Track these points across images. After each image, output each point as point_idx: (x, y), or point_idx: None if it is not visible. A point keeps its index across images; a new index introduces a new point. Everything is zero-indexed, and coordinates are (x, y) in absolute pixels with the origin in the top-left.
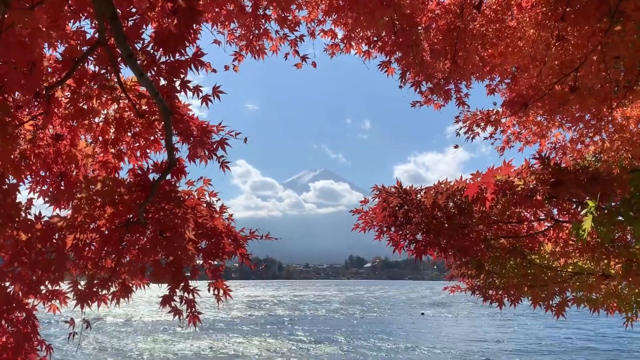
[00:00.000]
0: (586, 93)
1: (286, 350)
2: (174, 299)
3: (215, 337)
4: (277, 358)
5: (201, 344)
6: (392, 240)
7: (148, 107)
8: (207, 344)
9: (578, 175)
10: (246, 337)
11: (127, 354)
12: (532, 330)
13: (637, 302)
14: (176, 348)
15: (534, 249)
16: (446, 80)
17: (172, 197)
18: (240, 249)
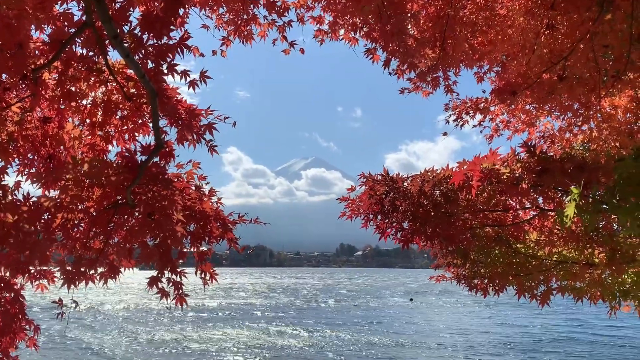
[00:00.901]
0: (575, 82)
1: (250, 339)
2: (161, 281)
3: (180, 327)
4: (242, 347)
5: (165, 334)
6: (379, 228)
7: (136, 90)
8: (170, 335)
9: (563, 164)
10: (215, 326)
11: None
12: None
13: (620, 291)
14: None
15: (519, 237)
16: (434, 68)
17: (160, 179)
18: (228, 232)
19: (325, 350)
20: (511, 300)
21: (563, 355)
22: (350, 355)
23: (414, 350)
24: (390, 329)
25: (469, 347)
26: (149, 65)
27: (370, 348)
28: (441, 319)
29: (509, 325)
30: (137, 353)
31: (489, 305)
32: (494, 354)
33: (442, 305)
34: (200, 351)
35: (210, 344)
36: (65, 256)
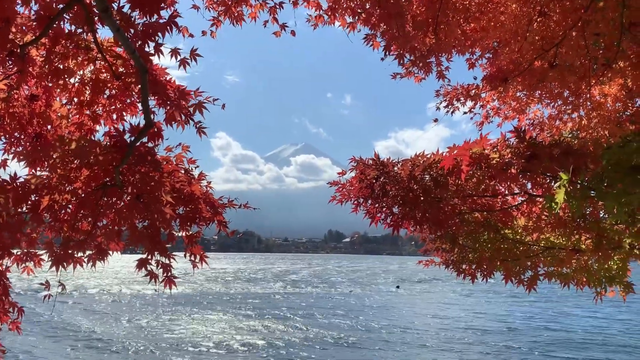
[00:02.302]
0: (566, 70)
1: (228, 327)
2: (150, 263)
3: (156, 314)
4: (215, 334)
5: (140, 321)
6: (369, 213)
7: (125, 69)
8: (144, 322)
9: (552, 150)
10: (192, 313)
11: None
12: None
13: (606, 277)
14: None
15: (507, 223)
16: (428, 53)
17: (148, 160)
18: (218, 216)
19: (302, 338)
20: (496, 289)
21: (542, 345)
22: (325, 344)
23: (391, 337)
24: (371, 317)
25: (447, 334)
26: (137, 44)
27: (341, 335)
28: (425, 306)
29: (490, 314)
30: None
31: (476, 293)
32: (471, 343)
33: (429, 293)
34: (174, 337)
35: (183, 331)
36: (53, 238)
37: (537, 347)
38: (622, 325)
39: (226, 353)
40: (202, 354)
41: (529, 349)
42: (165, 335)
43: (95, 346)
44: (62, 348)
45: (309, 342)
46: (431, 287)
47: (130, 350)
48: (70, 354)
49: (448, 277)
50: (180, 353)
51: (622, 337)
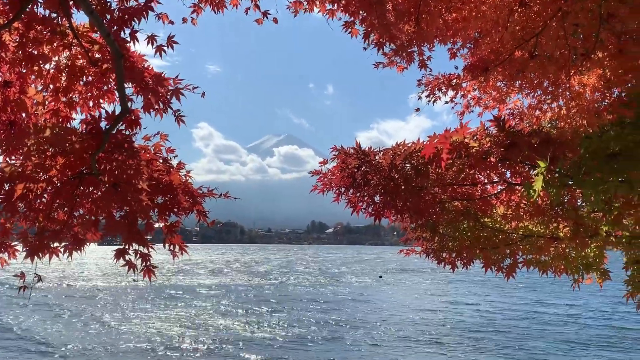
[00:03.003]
0: (545, 60)
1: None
2: (129, 253)
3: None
4: (173, 328)
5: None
6: (350, 202)
7: (101, 55)
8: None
9: (531, 138)
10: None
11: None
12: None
13: (583, 264)
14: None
15: (487, 212)
16: (409, 43)
17: (125, 148)
18: (197, 205)
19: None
20: (476, 279)
21: (514, 334)
22: (300, 336)
23: (368, 327)
24: (352, 307)
25: (425, 325)
26: (113, 30)
27: (321, 328)
28: (407, 296)
29: (468, 305)
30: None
31: (458, 283)
32: (444, 334)
33: (411, 282)
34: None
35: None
36: (28, 228)
37: (513, 337)
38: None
39: (169, 351)
40: (152, 352)
41: (506, 338)
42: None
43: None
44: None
45: (277, 336)
46: (413, 277)
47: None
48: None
49: (432, 268)
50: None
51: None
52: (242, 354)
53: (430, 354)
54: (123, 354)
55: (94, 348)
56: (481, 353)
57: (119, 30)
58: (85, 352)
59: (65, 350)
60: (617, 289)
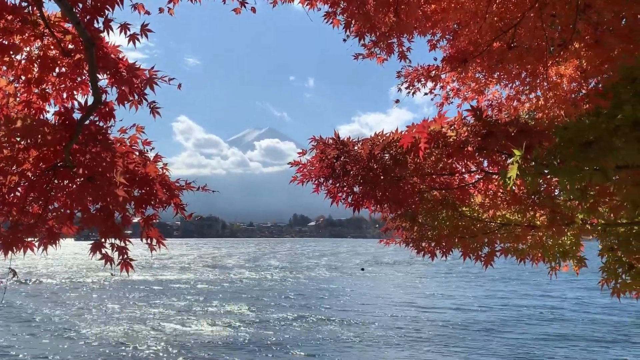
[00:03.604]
0: (523, 51)
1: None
2: (105, 247)
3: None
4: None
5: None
6: (330, 193)
7: (74, 46)
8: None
9: (508, 128)
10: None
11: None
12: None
13: (560, 252)
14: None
15: (465, 201)
16: (389, 34)
17: (99, 140)
18: (174, 198)
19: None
20: (459, 271)
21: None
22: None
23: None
24: (333, 300)
25: (403, 319)
26: (86, 19)
27: (302, 320)
28: (390, 288)
29: (443, 295)
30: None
31: (439, 275)
32: (422, 329)
33: (394, 275)
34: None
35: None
36: (1, 222)
37: (489, 328)
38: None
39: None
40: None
41: (482, 330)
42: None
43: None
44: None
45: (253, 332)
46: (395, 270)
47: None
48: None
49: (415, 260)
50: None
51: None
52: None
53: (407, 349)
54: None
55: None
56: (461, 347)
57: (92, 19)
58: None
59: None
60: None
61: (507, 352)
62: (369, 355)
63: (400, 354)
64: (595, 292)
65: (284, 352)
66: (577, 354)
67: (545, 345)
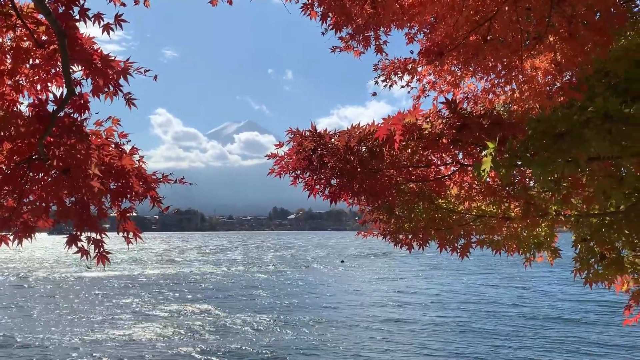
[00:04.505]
0: (499, 44)
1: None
2: (81, 240)
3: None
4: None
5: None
6: (307, 185)
7: (48, 37)
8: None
9: (482, 120)
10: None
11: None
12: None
13: (534, 243)
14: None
15: (441, 193)
16: (366, 27)
17: (73, 131)
18: (150, 191)
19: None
20: (436, 263)
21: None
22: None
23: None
24: (310, 294)
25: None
26: (61, 9)
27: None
28: (368, 280)
29: (415, 288)
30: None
31: (422, 268)
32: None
33: (372, 267)
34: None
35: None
36: None
37: (462, 321)
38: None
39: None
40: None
41: (454, 323)
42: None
43: None
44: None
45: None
46: (373, 263)
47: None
48: None
49: (395, 253)
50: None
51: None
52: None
53: (381, 342)
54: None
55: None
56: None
57: (66, 9)
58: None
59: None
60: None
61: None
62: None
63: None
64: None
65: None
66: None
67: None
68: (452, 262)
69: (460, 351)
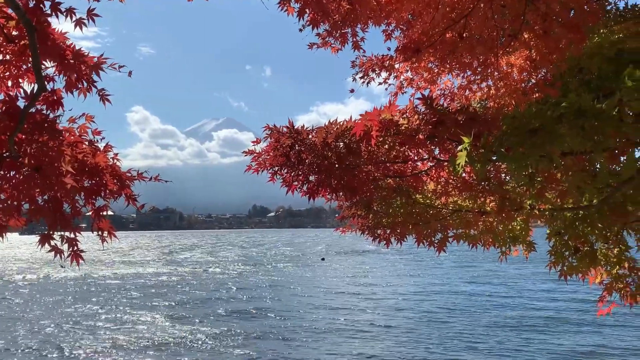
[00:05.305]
0: (475, 41)
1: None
2: (54, 238)
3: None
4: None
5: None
6: (285, 182)
7: (19, 32)
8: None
9: (458, 116)
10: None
11: None
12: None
13: (510, 237)
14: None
15: (418, 188)
16: (343, 23)
17: (45, 128)
18: (125, 189)
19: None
20: (411, 259)
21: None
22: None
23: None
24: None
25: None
26: (32, 3)
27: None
28: (349, 277)
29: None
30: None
31: (399, 263)
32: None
33: (353, 264)
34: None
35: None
36: None
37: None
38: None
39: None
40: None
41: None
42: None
43: None
44: None
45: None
46: (354, 259)
47: None
48: None
49: (377, 249)
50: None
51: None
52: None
53: (357, 340)
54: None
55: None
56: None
57: (37, 3)
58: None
59: None
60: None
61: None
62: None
63: (346, 346)
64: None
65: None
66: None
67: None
68: (433, 258)
69: (435, 349)
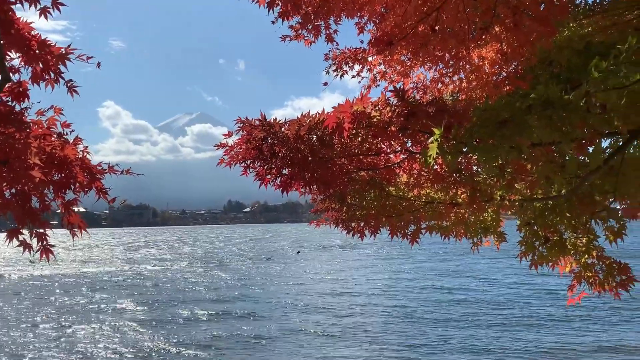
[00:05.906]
0: (447, 34)
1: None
2: (22, 233)
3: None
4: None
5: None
6: (258, 175)
7: None
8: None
9: (428, 108)
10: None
11: None
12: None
13: (481, 228)
14: None
15: (391, 180)
16: (316, 15)
17: (11, 120)
18: (96, 182)
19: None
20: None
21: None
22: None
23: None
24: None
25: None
26: None
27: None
28: (322, 270)
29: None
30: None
31: (375, 257)
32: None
33: (326, 257)
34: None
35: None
36: None
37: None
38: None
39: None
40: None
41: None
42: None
43: None
44: None
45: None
46: (330, 252)
47: None
48: None
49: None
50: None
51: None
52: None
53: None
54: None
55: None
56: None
57: None
58: None
59: None
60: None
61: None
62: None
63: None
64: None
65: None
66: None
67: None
68: (408, 251)
69: (411, 341)
